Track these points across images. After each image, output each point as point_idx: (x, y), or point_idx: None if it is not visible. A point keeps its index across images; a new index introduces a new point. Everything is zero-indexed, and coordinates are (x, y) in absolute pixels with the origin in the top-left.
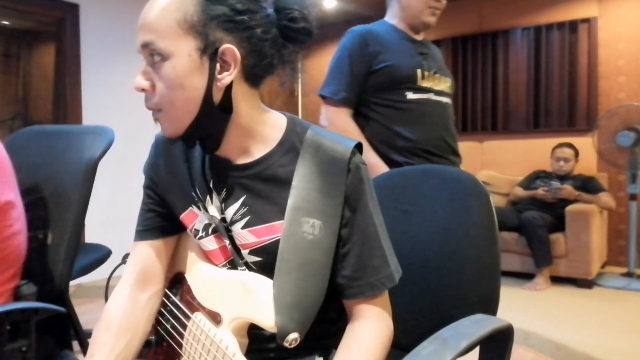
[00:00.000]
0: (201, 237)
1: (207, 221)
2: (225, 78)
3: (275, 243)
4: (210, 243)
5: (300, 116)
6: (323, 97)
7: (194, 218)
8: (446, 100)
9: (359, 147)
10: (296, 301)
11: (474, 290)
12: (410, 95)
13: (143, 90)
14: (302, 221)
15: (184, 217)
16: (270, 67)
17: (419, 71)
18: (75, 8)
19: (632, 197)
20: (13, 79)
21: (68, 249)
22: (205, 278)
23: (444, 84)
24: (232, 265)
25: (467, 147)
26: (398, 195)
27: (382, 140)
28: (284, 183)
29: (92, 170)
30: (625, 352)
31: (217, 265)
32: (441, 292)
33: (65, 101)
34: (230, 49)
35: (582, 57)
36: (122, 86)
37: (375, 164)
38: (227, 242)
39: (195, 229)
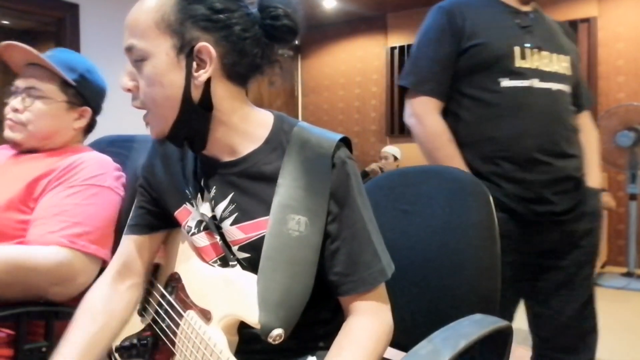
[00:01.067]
0: (193, 234)
1: (199, 218)
2: (202, 76)
3: (262, 239)
4: (201, 239)
5: (300, 116)
6: (404, 88)
7: (187, 215)
8: (559, 86)
9: (346, 142)
10: (281, 298)
11: (473, 290)
12: (505, 83)
13: (129, 90)
14: (287, 218)
15: (177, 214)
16: (253, 66)
17: (516, 49)
18: (75, 8)
19: (632, 197)
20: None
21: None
22: (198, 276)
23: (558, 63)
24: (224, 261)
25: None
26: (398, 195)
27: (469, 147)
28: (270, 180)
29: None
30: (625, 352)
31: (208, 262)
32: (440, 292)
33: None
34: (205, 47)
35: (581, 56)
36: (121, 86)
37: None
38: (218, 238)
39: (188, 226)
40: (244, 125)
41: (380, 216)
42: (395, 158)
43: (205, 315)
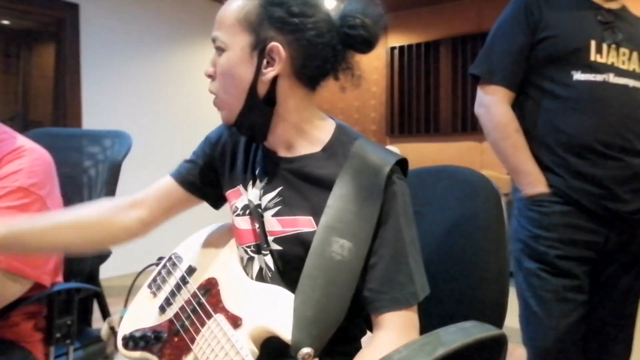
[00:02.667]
0: (238, 215)
1: (246, 202)
2: (269, 73)
3: (296, 236)
4: (244, 222)
5: None
6: (475, 77)
7: (238, 196)
8: (636, 83)
9: (402, 163)
10: (316, 317)
11: (478, 295)
12: (578, 76)
13: (209, 76)
14: (332, 240)
15: (229, 192)
16: (322, 70)
17: (592, 42)
18: (75, 8)
19: None
20: (13, 79)
21: None
22: (237, 286)
23: (637, 62)
24: (257, 249)
25: (467, 147)
26: (411, 197)
27: (536, 139)
28: (318, 184)
29: (117, 171)
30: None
31: (243, 245)
32: (445, 295)
33: (65, 101)
34: (276, 46)
35: None
36: (121, 86)
37: (527, 172)
38: (257, 226)
39: (235, 206)
40: (305, 126)
41: None
42: None
43: (235, 321)
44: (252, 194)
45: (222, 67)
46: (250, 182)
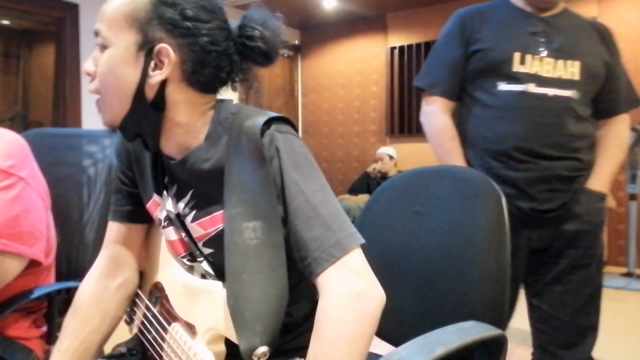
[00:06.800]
0: (164, 227)
1: (166, 213)
2: (157, 76)
3: (219, 234)
4: (171, 233)
5: (300, 116)
6: (419, 89)
7: (157, 207)
8: (558, 92)
9: (280, 119)
10: (255, 314)
11: (477, 295)
12: (502, 86)
13: (89, 74)
14: (242, 228)
15: (149, 205)
16: (218, 78)
17: (516, 55)
18: (74, 8)
19: (632, 197)
20: (13, 79)
21: (97, 234)
22: (181, 286)
23: (564, 69)
24: (192, 257)
25: None
26: (412, 196)
27: (468, 145)
28: (212, 176)
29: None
30: (625, 352)
31: (178, 256)
32: (445, 295)
33: (65, 101)
34: (165, 48)
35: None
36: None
37: None
38: (184, 234)
39: (158, 218)
40: (196, 124)
41: (393, 217)
42: (391, 157)
43: (191, 328)
44: (168, 203)
45: (104, 65)
46: (164, 192)
